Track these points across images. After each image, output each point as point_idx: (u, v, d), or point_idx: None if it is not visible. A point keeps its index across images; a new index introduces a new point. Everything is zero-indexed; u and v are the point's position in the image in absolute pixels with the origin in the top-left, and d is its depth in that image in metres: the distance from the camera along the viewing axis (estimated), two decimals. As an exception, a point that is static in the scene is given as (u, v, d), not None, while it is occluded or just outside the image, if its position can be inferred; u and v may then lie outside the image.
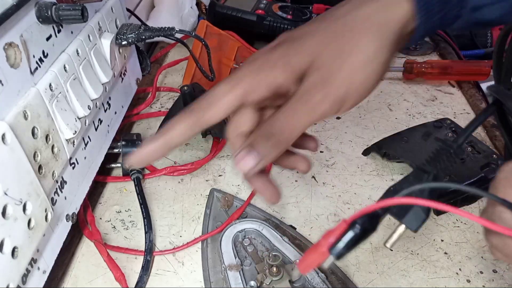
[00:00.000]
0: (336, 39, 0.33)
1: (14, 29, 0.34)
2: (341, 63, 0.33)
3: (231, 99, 0.33)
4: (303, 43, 0.33)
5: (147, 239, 0.49)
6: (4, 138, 0.32)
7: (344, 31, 0.33)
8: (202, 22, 0.72)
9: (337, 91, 0.33)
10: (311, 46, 0.33)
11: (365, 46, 0.33)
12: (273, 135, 0.32)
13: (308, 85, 0.32)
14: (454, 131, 0.61)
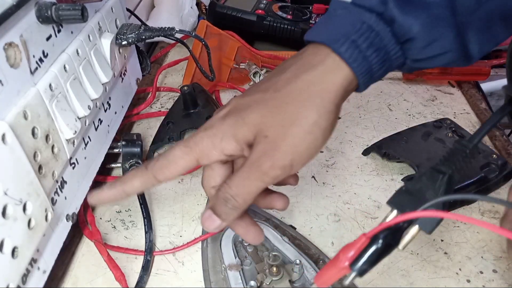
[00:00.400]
0: (280, 109, 0.35)
1: (14, 29, 0.34)
2: (285, 132, 0.35)
3: (185, 163, 0.36)
4: (249, 114, 0.35)
5: (147, 239, 0.49)
6: (4, 138, 0.32)
7: (286, 101, 0.35)
8: (202, 22, 0.72)
9: (284, 159, 0.34)
10: (256, 118, 0.35)
11: (306, 115, 0.35)
12: (229, 199, 0.35)
13: (257, 153, 0.35)
14: (454, 131, 0.61)
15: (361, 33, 0.35)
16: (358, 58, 0.35)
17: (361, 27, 0.35)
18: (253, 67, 0.75)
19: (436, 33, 0.35)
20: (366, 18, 0.35)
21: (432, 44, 0.36)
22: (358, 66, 0.36)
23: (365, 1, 0.35)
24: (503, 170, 0.55)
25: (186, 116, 0.64)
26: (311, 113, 0.35)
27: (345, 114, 0.69)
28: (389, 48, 0.36)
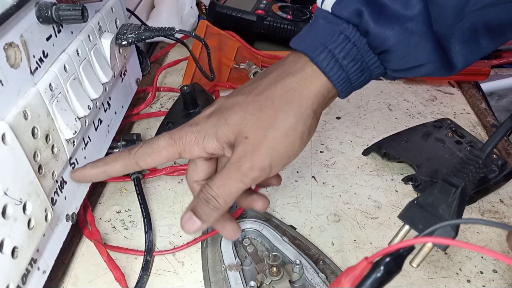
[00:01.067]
0: (260, 112, 0.37)
1: (14, 29, 0.34)
2: (264, 135, 0.36)
3: (167, 154, 0.38)
4: (231, 114, 0.37)
5: (147, 239, 0.49)
6: (4, 138, 0.32)
7: (266, 104, 0.37)
8: (202, 22, 0.72)
9: (263, 161, 0.36)
10: (238, 119, 0.37)
11: (283, 119, 0.36)
12: (211, 200, 0.37)
13: (237, 154, 0.36)
14: (454, 131, 0.61)
15: (338, 43, 0.37)
16: (335, 67, 0.37)
17: (338, 37, 0.37)
18: (253, 67, 0.75)
19: (411, 45, 0.36)
20: (343, 29, 0.36)
21: (408, 56, 0.36)
22: (334, 75, 0.37)
23: (343, 12, 0.36)
24: (503, 170, 0.55)
25: (186, 116, 0.64)
26: (288, 118, 0.36)
27: (345, 114, 0.69)
28: (366, 58, 0.37)
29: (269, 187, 0.56)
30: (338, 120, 0.68)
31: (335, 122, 0.67)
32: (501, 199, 0.54)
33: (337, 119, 0.68)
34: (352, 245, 0.49)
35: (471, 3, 0.34)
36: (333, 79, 0.37)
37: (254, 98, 0.37)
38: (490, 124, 0.65)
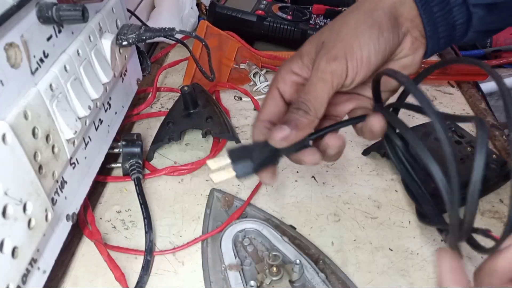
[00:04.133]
0: (335, 22, 0.41)
1: (15, 29, 0.34)
2: (337, 34, 0.39)
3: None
4: (314, 35, 0.41)
5: (147, 239, 0.49)
6: (5, 138, 0.32)
7: (339, 17, 0.41)
8: (202, 22, 0.72)
9: (337, 52, 0.38)
10: (317, 35, 0.41)
11: (352, 16, 0.40)
12: (300, 106, 0.38)
13: (317, 59, 0.39)
14: (454, 131, 0.61)
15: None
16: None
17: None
18: (253, 67, 0.75)
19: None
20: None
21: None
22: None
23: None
24: (502, 170, 0.55)
25: (186, 116, 0.64)
26: (357, 13, 0.40)
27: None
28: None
29: (269, 187, 0.56)
30: (338, 120, 0.68)
31: (335, 122, 0.67)
32: (501, 199, 0.54)
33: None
34: (352, 244, 0.49)
35: None
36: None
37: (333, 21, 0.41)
38: (490, 124, 0.65)
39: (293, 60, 0.42)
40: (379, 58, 0.39)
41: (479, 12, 0.41)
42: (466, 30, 0.42)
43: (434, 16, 0.41)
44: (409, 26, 0.41)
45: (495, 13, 0.41)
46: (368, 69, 0.39)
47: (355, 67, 0.38)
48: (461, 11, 0.41)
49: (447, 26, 0.41)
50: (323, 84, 0.38)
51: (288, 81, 0.42)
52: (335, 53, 0.38)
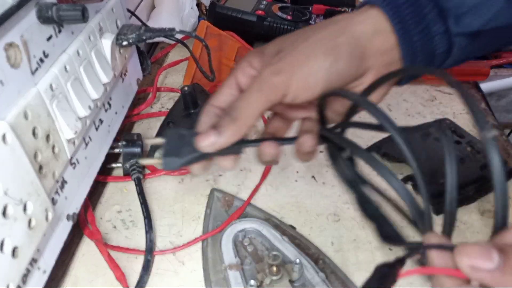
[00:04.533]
0: (298, 35, 0.39)
1: (15, 29, 0.34)
2: (293, 49, 0.37)
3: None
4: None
5: (148, 239, 0.49)
6: (5, 138, 0.32)
7: (306, 29, 0.39)
8: (203, 22, 0.72)
9: (283, 66, 0.36)
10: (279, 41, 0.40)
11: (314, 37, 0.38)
12: (232, 110, 0.36)
13: (265, 66, 0.37)
14: (454, 131, 0.61)
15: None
16: (390, 3, 0.38)
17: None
18: (253, 68, 0.75)
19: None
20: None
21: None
22: (386, 6, 0.38)
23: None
24: (502, 170, 0.55)
25: (187, 116, 0.64)
26: (319, 33, 0.38)
27: (345, 114, 0.69)
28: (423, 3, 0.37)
29: (270, 187, 0.56)
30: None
31: (335, 122, 0.67)
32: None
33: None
34: (352, 244, 0.49)
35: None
36: (385, 9, 0.37)
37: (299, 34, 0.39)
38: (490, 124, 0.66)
39: (256, 54, 0.40)
40: (325, 88, 0.37)
41: (462, 42, 0.39)
42: (445, 59, 0.40)
43: (414, 45, 0.38)
44: (377, 61, 0.38)
45: (478, 42, 0.39)
46: (312, 94, 0.37)
47: (296, 89, 0.36)
48: (442, 40, 0.38)
49: (426, 55, 0.39)
50: (259, 95, 0.36)
51: (247, 73, 0.40)
52: (282, 67, 0.36)
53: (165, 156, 0.37)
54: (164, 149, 0.38)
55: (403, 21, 0.37)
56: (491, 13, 0.37)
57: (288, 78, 0.36)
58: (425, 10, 0.37)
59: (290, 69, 0.36)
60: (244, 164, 0.60)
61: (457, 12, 0.37)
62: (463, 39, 0.38)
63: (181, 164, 0.37)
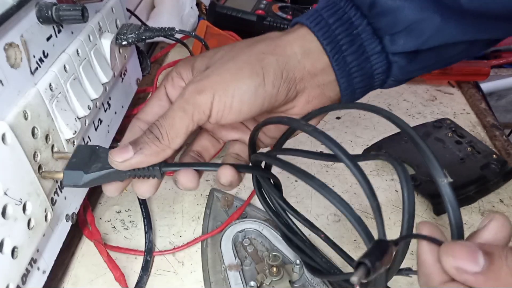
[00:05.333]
0: (230, 50, 0.38)
1: (15, 29, 0.34)
2: (221, 66, 0.35)
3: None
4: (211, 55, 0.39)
5: (147, 239, 0.49)
6: (4, 138, 0.32)
7: (241, 46, 0.38)
8: (202, 22, 0.72)
9: (207, 86, 0.34)
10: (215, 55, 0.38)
11: (243, 56, 0.36)
12: (152, 129, 0.34)
13: (188, 83, 0.35)
14: (454, 131, 0.61)
15: (328, 8, 0.37)
16: (318, 20, 0.36)
17: (327, 3, 0.37)
18: (253, 67, 0.75)
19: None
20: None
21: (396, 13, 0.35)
22: (315, 26, 0.36)
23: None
24: (502, 170, 0.55)
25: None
26: (248, 53, 0.36)
27: (345, 114, 0.69)
28: (351, 14, 0.36)
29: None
30: (338, 120, 0.68)
31: (335, 122, 0.67)
32: (501, 199, 0.54)
33: (337, 119, 0.68)
34: (352, 245, 0.49)
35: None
36: (314, 29, 0.36)
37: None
38: (490, 124, 0.65)
39: (185, 66, 0.38)
40: (252, 110, 0.35)
41: (401, 61, 0.37)
42: (385, 79, 0.39)
43: (349, 66, 0.37)
44: (309, 82, 0.37)
45: (418, 61, 0.38)
46: (238, 117, 0.35)
47: (220, 110, 0.34)
48: (379, 60, 0.37)
49: (363, 76, 0.37)
50: (182, 114, 0.33)
51: (176, 84, 0.38)
52: (206, 85, 0.34)
53: (68, 169, 0.34)
54: (69, 162, 0.35)
55: (334, 41, 0.36)
56: (427, 33, 0.35)
57: (211, 99, 0.34)
58: (358, 28, 0.36)
59: (214, 88, 0.34)
60: (244, 164, 0.60)
61: (391, 32, 0.36)
62: (402, 59, 0.37)
63: (87, 180, 0.34)
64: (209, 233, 0.49)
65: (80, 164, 0.34)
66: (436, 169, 0.27)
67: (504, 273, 0.24)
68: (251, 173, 0.38)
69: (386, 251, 0.25)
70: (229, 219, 0.50)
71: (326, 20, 0.36)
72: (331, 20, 0.36)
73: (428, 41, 0.35)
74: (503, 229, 0.27)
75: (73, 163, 0.35)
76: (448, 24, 0.35)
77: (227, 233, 0.48)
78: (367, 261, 0.24)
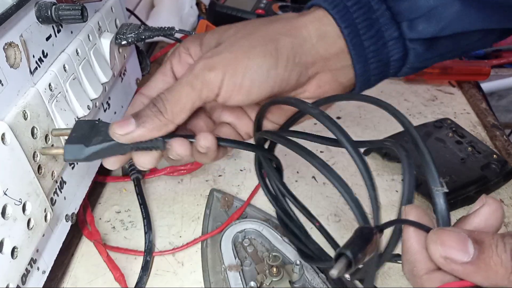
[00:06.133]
0: (242, 28, 0.36)
1: (14, 29, 0.34)
2: (232, 44, 0.34)
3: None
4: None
5: (147, 240, 0.49)
6: (4, 138, 0.32)
7: (248, 25, 0.36)
8: (202, 21, 0.72)
9: (217, 63, 0.33)
10: (229, 31, 0.37)
11: (253, 33, 0.35)
12: (157, 101, 0.33)
13: (199, 59, 0.34)
14: (455, 131, 0.61)
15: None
16: (336, 3, 0.35)
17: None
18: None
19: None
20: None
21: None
22: (333, 9, 0.35)
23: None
24: (503, 170, 0.55)
25: (186, 116, 0.64)
26: (262, 31, 0.35)
27: (346, 114, 0.69)
28: (371, 1, 0.35)
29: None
30: (339, 120, 0.67)
31: (335, 122, 0.67)
32: (501, 199, 0.54)
33: (338, 119, 0.68)
34: (352, 245, 0.49)
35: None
36: (332, 12, 0.35)
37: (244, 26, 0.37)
38: (491, 124, 0.65)
39: (194, 41, 0.37)
40: (262, 92, 0.34)
41: (418, 48, 0.36)
42: (401, 66, 0.38)
43: (366, 51, 0.36)
44: (322, 67, 0.36)
45: (435, 49, 0.37)
46: (246, 98, 0.34)
47: (230, 90, 0.33)
48: (396, 46, 0.36)
49: (379, 63, 0.37)
50: (190, 90, 0.33)
51: (183, 60, 0.37)
52: (217, 62, 0.33)
53: (68, 143, 0.33)
54: (69, 137, 0.34)
55: (352, 25, 0.35)
56: (447, 19, 0.35)
57: (222, 77, 0.33)
58: (377, 13, 0.35)
59: (225, 66, 0.33)
60: (244, 164, 0.60)
61: (410, 17, 0.35)
62: (419, 46, 0.36)
63: (89, 154, 0.33)
64: (209, 234, 0.49)
65: (81, 138, 0.34)
66: (433, 177, 0.26)
67: (494, 263, 0.22)
68: (254, 151, 0.37)
69: (369, 240, 0.24)
70: (229, 220, 0.50)
71: (345, 3, 0.35)
72: (350, 3, 0.35)
73: (447, 27, 0.35)
74: (495, 215, 0.25)
75: (73, 137, 0.34)
76: (468, 11, 0.34)
77: (227, 233, 0.48)
78: (348, 252, 0.22)
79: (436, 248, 0.24)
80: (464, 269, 0.23)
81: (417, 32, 0.35)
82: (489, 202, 0.26)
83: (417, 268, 0.25)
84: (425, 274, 0.25)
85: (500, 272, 0.22)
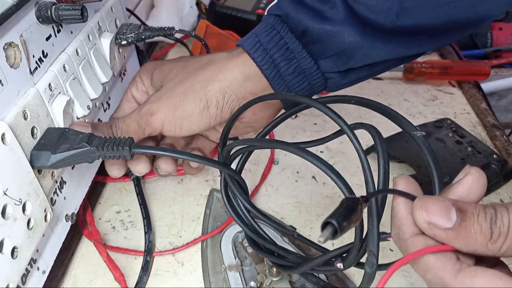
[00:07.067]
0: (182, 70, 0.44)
1: (14, 29, 0.34)
2: (173, 89, 0.43)
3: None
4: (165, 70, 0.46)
5: (147, 240, 0.49)
6: (4, 138, 0.32)
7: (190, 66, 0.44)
8: (202, 21, 0.72)
9: (160, 108, 0.42)
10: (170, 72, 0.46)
11: (191, 78, 0.43)
12: (113, 127, 0.42)
13: (146, 101, 0.44)
14: (455, 131, 0.61)
15: (264, 31, 0.41)
16: (257, 47, 0.41)
17: (265, 27, 0.41)
18: (253, 67, 0.75)
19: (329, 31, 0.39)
20: (270, 20, 0.41)
21: (330, 37, 0.39)
22: (255, 52, 0.41)
23: (272, 10, 0.42)
24: (503, 170, 0.55)
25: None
26: (194, 79, 0.42)
27: (346, 114, 0.69)
28: (287, 39, 0.40)
29: (270, 188, 0.56)
30: (338, 120, 0.67)
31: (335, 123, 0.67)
32: (501, 199, 0.54)
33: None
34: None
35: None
36: (254, 56, 0.41)
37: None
38: (491, 124, 0.65)
39: (147, 73, 0.46)
40: (200, 128, 0.42)
41: (335, 77, 0.42)
42: (324, 88, 0.44)
43: (288, 85, 0.42)
44: (252, 99, 0.41)
45: (350, 77, 0.42)
46: (189, 133, 0.42)
47: (171, 129, 0.42)
48: (316, 77, 0.42)
49: (303, 90, 0.42)
50: (136, 127, 0.41)
51: (140, 89, 0.47)
52: (156, 109, 0.41)
53: (35, 150, 0.35)
54: (37, 143, 0.36)
55: (272, 65, 0.41)
56: (356, 56, 0.39)
57: (162, 120, 0.41)
58: (294, 52, 0.40)
59: (164, 112, 0.41)
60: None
61: (322, 56, 0.40)
62: (335, 76, 0.42)
63: (55, 160, 0.35)
64: (209, 234, 0.49)
65: (48, 145, 0.35)
66: (408, 125, 0.32)
67: (474, 230, 0.24)
68: (219, 169, 0.40)
69: (354, 209, 0.25)
70: (229, 219, 0.50)
71: (264, 46, 0.40)
72: (269, 45, 0.40)
73: (357, 62, 0.40)
74: (477, 183, 0.27)
75: (41, 144, 0.36)
76: (374, 46, 0.38)
77: (227, 233, 0.48)
78: (334, 221, 0.24)
79: (420, 214, 0.26)
80: (446, 235, 0.25)
81: (331, 67, 0.41)
82: (472, 172, 0.28)
83: (403, 231, 0.28)
84: (409, 238, 0.27)
85: (479, 239, 0.24)
